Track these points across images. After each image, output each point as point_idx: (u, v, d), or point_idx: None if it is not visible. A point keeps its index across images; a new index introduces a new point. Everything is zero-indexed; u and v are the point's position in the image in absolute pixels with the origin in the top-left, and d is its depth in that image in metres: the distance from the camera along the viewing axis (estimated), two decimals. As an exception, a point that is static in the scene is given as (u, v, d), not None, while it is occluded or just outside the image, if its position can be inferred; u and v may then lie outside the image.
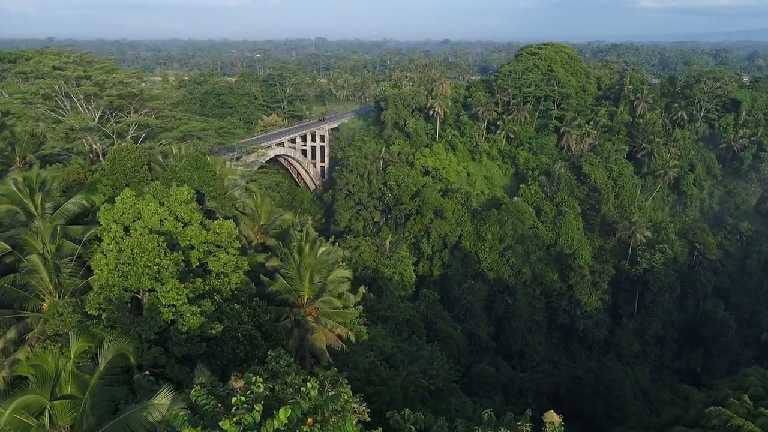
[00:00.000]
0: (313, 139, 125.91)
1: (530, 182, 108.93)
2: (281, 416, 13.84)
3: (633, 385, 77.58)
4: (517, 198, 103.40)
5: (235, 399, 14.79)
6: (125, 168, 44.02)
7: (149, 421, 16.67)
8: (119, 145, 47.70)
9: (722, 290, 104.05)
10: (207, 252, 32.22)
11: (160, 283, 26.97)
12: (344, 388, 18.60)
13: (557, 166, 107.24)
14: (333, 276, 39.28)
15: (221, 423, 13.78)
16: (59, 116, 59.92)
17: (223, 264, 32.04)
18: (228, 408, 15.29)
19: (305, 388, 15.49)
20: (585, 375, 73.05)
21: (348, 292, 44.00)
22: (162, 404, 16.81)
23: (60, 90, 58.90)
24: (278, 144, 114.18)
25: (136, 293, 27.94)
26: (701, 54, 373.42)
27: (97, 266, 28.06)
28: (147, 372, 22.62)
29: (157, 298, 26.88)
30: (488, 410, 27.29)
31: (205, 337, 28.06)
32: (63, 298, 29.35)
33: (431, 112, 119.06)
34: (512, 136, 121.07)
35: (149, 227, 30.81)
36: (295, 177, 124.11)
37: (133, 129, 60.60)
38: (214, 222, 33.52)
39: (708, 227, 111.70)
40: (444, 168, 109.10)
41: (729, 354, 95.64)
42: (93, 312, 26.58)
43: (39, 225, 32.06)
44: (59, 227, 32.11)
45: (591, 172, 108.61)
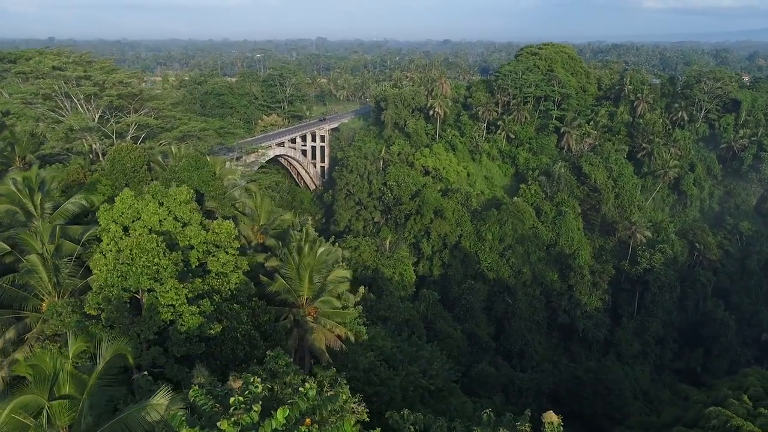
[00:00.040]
0: (313, 139, 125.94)
1: (530, 182, 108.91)
2: (279, 416, 13.84)
3: (633, 385, 77.59)
4: (517, 198, 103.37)
5: (233, 399, 14.79)
6: (125, 168, 44.02)
7: (147, 421, 16.66)
8: (119, 145, 47.72)
9: (722, 290, 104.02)
10: (206, 252, 32.19)
11: (159, 283, 26.95)
12: (342, 389, 18.61)
13: (557, 166, 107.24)
14: (332, 276, 39.26)
15: (219, 423, 13.77)
16: (59, 116, 59.93)
17: (223, 264, 32.04)
18: (226, 408, 15.28)
19: (303, 389, 15.48)
20: (585, 375, 73.11)
21: (347, 292, 43.99)
22: (160, 404, 16.81)
23: (60, 90, 58.90)
24: (278, 144, 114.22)
25: (135, 293, 27.92)
26: (702, 54, 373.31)
27: (96, 266, 28.06)
28: (145, 372, 22.62)
29: (156, 298, 26.86)
30: (487, 410, 27.33)
31: (204, 337, 28.04)
32: (62, 298, 29.33)
33: (431, 112, 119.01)
34: (512, 137, 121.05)
35: (148, 227, 30.79)
36: (295, 177, 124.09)
37: (133, 129, 60.61)
38: (214, 222, 33.49)
39: (708, 227, 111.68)
40: (444, 168, 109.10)
41: (729, 354, 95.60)
42: (92, 312, 26.57)
43: (38, 225, 32.07)
44: (58, 227, 32.14)
45: (591, 172, 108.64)
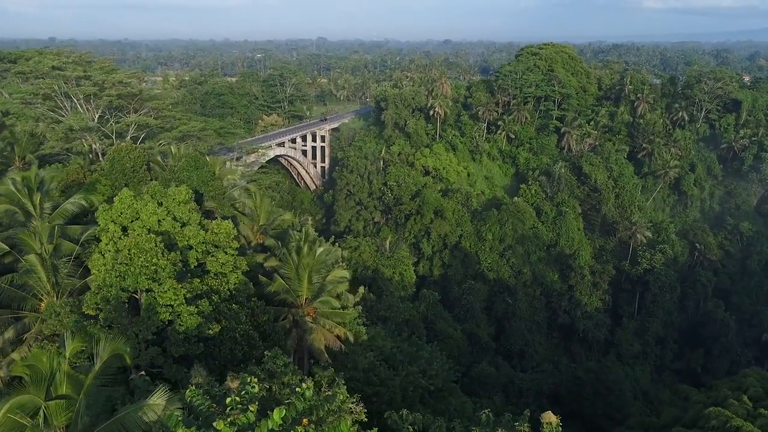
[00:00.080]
0: (314, 140, 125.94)
1: (531, 182, 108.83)
2: (275, 417, 13.79)
3: (633, 386, 77.56)
4: (518, 198, 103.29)
5: (230, 399, 14.75)
6: (124, 168, 44.02)
7: (144, 422, 16.61)
8: (118, 145, 47.73)
9: (723, 291, 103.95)
10: (205, 252, 32.17)
11: (158, 284, 26.93)
12: (340, 389, 18.57)
13: (558, 167, 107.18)
14: (331, 276, 39.24)
15: (215, 423, 13.73)
16: (59, 116, 59.94)
17: (221, 264, 32.01)
18: (223, 408, 15.24)
19: (300, 389, 15.44)
20: (585, 375, 73.06)
21: (347, 293, 43.98)
22: (157, 404, 16.76)
23: (59, 90, 58.92)
24: (278, 144, 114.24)
25: (134, 293, 27.91)
26: (702, 54, 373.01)
27: (95, 266, 28.05)
28: (143, 372, 22.60)
29: (155, 299, 26.85)
30: (486, 410, 27.26)
31: (203, 338, 28.02)
32: (60, 298, 29.33)
33: (432, 113, 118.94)
34: (513, 137, 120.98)
35: (147, 227, 30.77)
36: (296, 177, 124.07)
37: (133, 129, 60.63)
38: (213, 222, 33.47)
39: (708, 228, 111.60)
40: (444, 168, 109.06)
41: (729, 354, 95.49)
42: (90, 312, 26.57)
43: (37, 225, 32.07)
44: (57, 227, 32.15)
45: (591, 173, 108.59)
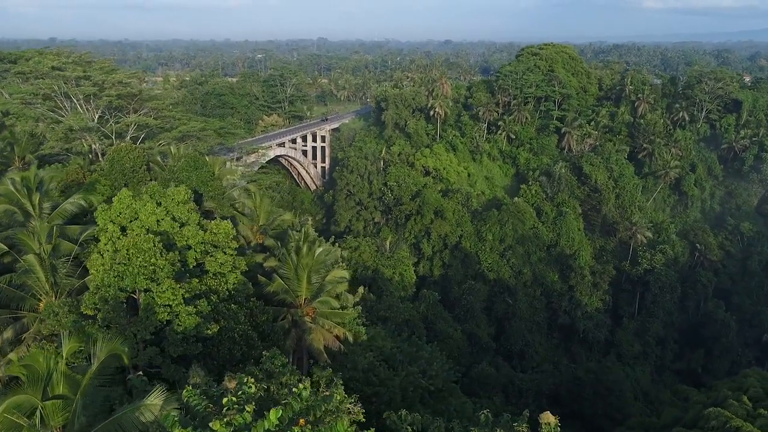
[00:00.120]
0: (314, 140, 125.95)
1: (531, 183, 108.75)
2: (272, 417, 13.75)
3: (633, 386, 77.46)
4: (518, 198, 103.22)
5: (226, 399, 14.71)
6: (124, 168, 43.99)
7: (141, 422, 16.60)
8: (118, 146, 47.70)
9: (723, 291, 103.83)
10: (204, 252, 32.15)
11: (156, 284, 26.91)
12: (338, 389, 18.55)
13: (558, 167, 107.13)
14: (331, 276, 39.20)
15: (211, 423, 13.69)
16: (58, 116, 59.97)
17: (220, 264, 31.98)
18: (220, 408, 15.20)
19: (297, 389, 15.41)
20: (585, 375, 72.97)
21: (347, 293, 43.97)
22: (154, 404, 16.74)
23: (59, 90, 58.94)
24: (279, 144, 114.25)
25: (132, 293, 27.88)
26: (703, 54, 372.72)
27: (93, 266, 28.03)
28: (140, 372, 22.57)
29: (153, 299, 26.83)
30: (485, 411, 27.19)
31: (201, 338, 28.00)
32: (59, 298, 29.32)
33: (432, 113, 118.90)
34: (513, 137, 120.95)
35: (146, 227, 30.75)
36: (296, 177, 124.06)
37: (132, 129, 60.62)
38: (212, 222, 33.44)
39: (709, 228, 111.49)
40: (444, 168, 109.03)
41: (730, 355, 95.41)
42: (89, 312, 26.56)
43: (36, 225, 32.06)
44: (56, 227, 32.13)
45: (592, 173, 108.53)
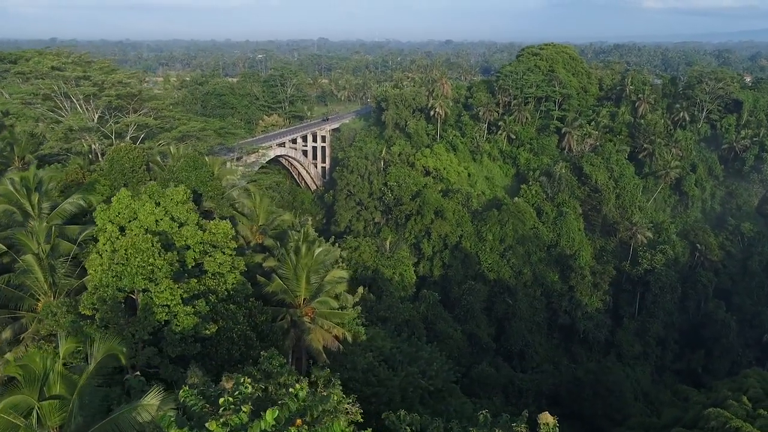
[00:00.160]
0: (314, 140, 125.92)
1: (531, 183, 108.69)
2: (268, 417, 13.74)
3: (634, 386, 77.40)
4: (518, 198, 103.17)
5: (223, 400, 14.69)
6: (123, 168, 43.98)
7: (138, 422, 16.57)
8: (117, 146, 47.70)
9: (724, 291, 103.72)
10: (203, 252, 32.13)
11: (154, 284, 26.89)
12: (335, 389, 18.52)
13: (558, 167, 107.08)
14: (330, 276, 39.18)
15: (207, 424, 13.68)
16: (58, 116, 59.95)
17: (219, 264, 31.96)
18: (217, 409, 15.18)
19: (293, 389, 15.39)
20: (585, 376, 72.85)
21: (346, 293, 43.94)
22: (151, 405, 16.71)
23: (59, 90, 58.93)
24: (279, 144, 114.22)
25: (131, 293, 27.86)
26: (704, 54, 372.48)
27: (92, 266, 28.03)
28: (138, 372, 22.55)
29: (151, 299, 26.81)
30: (484, 411, 27.14)
31: (200, 338, 27.98)
32: (58, 298, 29.31)
33: (432, 113, 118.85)
34: (513, 137, 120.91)
35: (145, 227, 30.74)
36: (296, 177, 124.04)
37: (132, 129, 60.60)
38: (211, 222, 33.43)
39: (709, 228, 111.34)
40: (445, 168, 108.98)
41: (730, 355, 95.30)
42: (87, 312, 26.55)
43: (35, 225, 32.05)
44: (55, 227, 32.12)
45: (592, 173, 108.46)
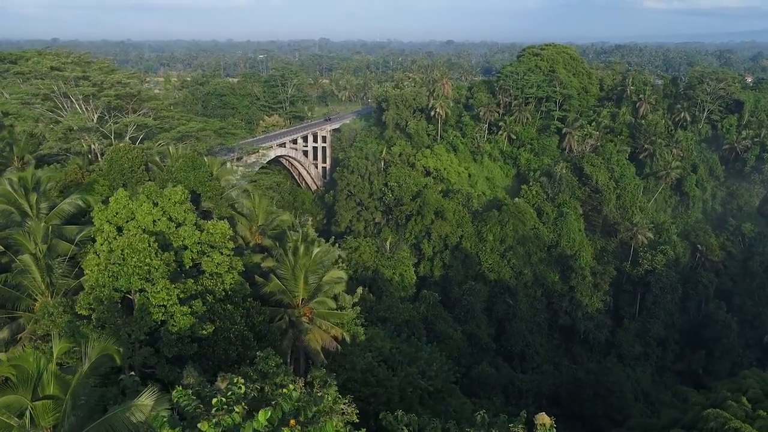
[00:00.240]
0: (315, 140, 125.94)
1: (532, 183, 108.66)
2: (261, 418, 13.67)
3: (634, 387, 77.31)
4: (519, 199, 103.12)
5: (216, 400, 14.63)
6: (122, 168, 43.95)
7: (132, 422, 16.51)
8: (116, 146, 47.68)
9: (724, 292, 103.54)
10: (200, 252, 32.05)
11: (151, 284, 26.83)
12: (330, 390, 18.45)
13: (559, 167, 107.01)
14: (328, 277, 39.08)
15: (200, 424, 13.62)
16: (58, 116, 59.96)
17: (217, 264, 31.86)
18: (211, 409, 15.12)
19: (287, 390, 15.32)
20: (585, 376, 72.81)
21: (344, 293, 43.85)
22: (145, 405, 16.64)
23: (58, 90, 58.97)
24: (279, 145, 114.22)
25: (127, 293, 27.81)
26: (705, 55, 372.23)
27: (89, 266, 27.97)
28: (132, 372, 22.50)
29: (148, 299, 26.75)
30: (481, 412, 27.07)
31: (197, 338, 27.91)
32: (55, 298, 29.28)
33: (433, 113, 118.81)
34: (514, 137, 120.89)
35: (142, 227, 30.69)
36: (297, 178, 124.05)
37: (132, 129, 60.62)
38: (208, 222, 33.35)
39: (710, 229, 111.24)
40: (445, 169, 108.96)
41: (731, 356, 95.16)
42: (83, 312, 26.51)
43: (32, 225, 32.01)
44: (52, 227, 32.11)
45: (593, 173, 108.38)
